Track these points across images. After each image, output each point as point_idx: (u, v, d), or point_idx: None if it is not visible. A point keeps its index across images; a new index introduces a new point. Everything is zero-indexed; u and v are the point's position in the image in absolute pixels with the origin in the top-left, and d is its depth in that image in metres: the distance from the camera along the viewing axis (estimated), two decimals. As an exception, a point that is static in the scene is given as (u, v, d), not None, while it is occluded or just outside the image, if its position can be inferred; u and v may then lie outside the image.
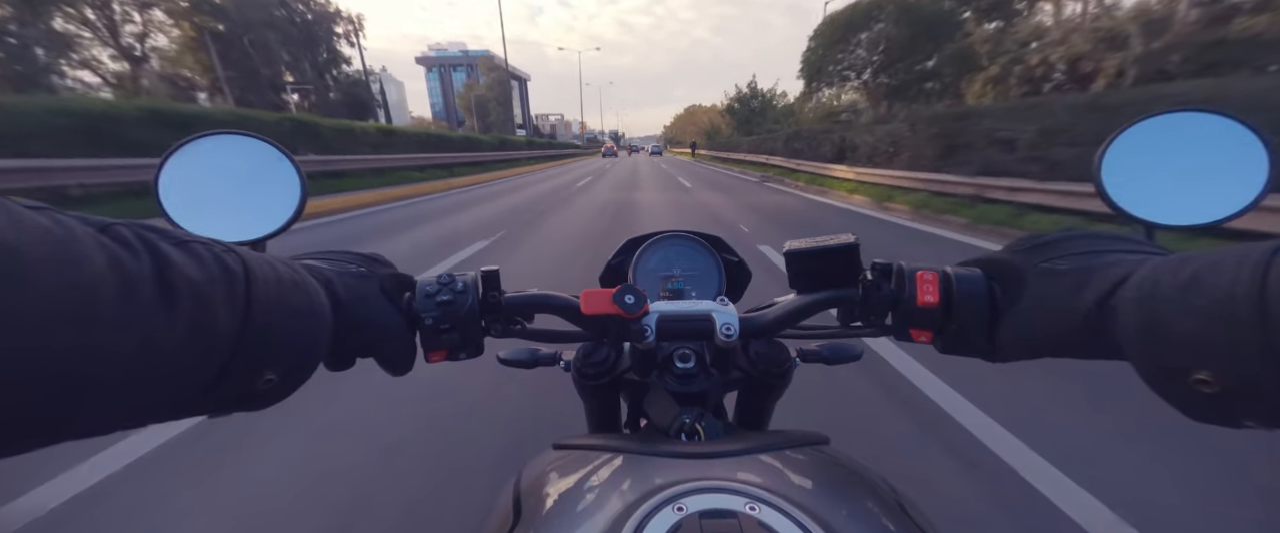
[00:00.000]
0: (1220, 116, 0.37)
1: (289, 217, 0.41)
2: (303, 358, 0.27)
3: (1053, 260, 0.32)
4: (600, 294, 0.39)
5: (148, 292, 0.19)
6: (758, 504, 0.27)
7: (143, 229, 0.21)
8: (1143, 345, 0.24)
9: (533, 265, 4.23)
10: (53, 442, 0.18)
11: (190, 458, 1.56)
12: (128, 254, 0.19)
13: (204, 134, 0.39)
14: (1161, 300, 0.23)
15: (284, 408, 0.28)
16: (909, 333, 0.39)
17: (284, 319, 0.25)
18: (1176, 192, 0.38)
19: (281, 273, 0.27)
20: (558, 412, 1.74)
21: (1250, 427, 0.23)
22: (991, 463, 1.50)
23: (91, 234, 0.18)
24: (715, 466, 0.33)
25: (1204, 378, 0.22)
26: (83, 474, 1.46)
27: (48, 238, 0.16)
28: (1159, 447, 1.52)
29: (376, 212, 7.52)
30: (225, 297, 0.22)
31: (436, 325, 0.38)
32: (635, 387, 0.54)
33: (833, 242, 0.42)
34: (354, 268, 0.35)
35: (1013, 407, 1.77)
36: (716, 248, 0.62)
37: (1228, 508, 1.33)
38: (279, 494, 1.42)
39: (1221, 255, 0.22)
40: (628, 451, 0.36)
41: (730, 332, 0.43)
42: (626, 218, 6.91)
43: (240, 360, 0.23)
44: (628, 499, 0.29)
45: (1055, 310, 0.30)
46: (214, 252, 0.23)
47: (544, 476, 0.36)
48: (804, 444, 0.37)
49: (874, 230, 5.90)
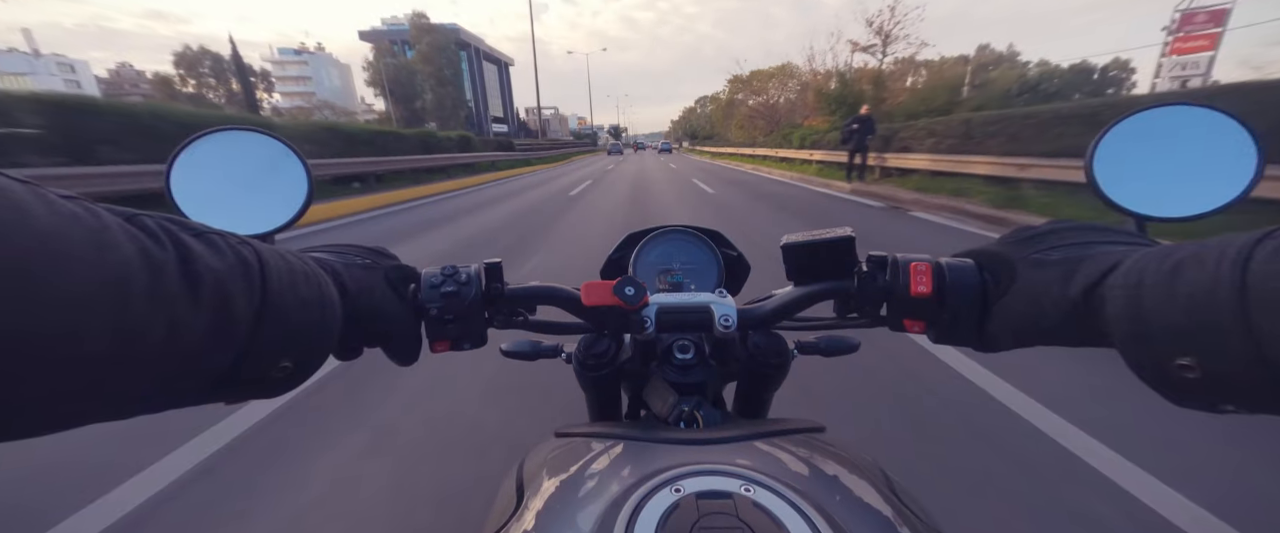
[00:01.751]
0: (1210, 110, 0.37)
1: (296, 211, 0.42)
2: (315, 347, 0.28)
3: (1043, 251, 0.33)
4: (601, 287, 0.40)
5: (173, 279, 0.19)
6: (752, 486, 0.28)
7: (164, 219, 0.21)
8: (1128, 333, 0.25)
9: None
10: (81, 422, 0.19)
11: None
12: (153, 243, 0.19)
13: (214, 129, 0.40)
14: (1147, 290, 0.24)
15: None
16: (903, 323, 0.39)
17: (297, 309, 0.26)
18: (1167, 184, 0.38)
19: (293, 265, 0.27)
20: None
21: (1230, 412, 0.23)
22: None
23: (119, 223, 0.19)
24: (712, 451, 0.34)
25: (1187, 364, 0.22)
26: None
27: (83, 225, 0.17)
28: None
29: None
30: (243, 287, 0.23)
31: (441, 316, 0.38)
32: (635, 378, 0.55)
33: (829, 234, 0.43)
34: (359, 260, 0.36)
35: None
36: (715, 242, 0.63)
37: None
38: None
39: (1205, 245, 0.23)
40: (627, 437, 0.37)
41: (729, 323, 0.43)
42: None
43: (257, 348, 0.24)
44: (626, 482, 0.30)
45: (1045, 300, 0.31)
46: (230, 242, 0.24)
47: (545, 462, 0.37)
48: (799, 432, 0.38)
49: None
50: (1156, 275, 0.24)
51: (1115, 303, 0.26)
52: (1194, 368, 0.22)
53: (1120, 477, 1.37)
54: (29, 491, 1.40)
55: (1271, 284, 0.19)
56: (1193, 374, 0.22)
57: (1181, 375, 0.23)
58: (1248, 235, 0.21)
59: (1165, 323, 0.23)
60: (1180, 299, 0.22)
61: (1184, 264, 0.23)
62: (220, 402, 0.25)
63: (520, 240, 5.15)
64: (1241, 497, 1.29)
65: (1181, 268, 0.23)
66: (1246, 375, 0.20)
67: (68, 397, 0.17)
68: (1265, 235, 0.21)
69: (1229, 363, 0.21)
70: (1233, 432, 1.52)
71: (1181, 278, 0.23)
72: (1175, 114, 0.38)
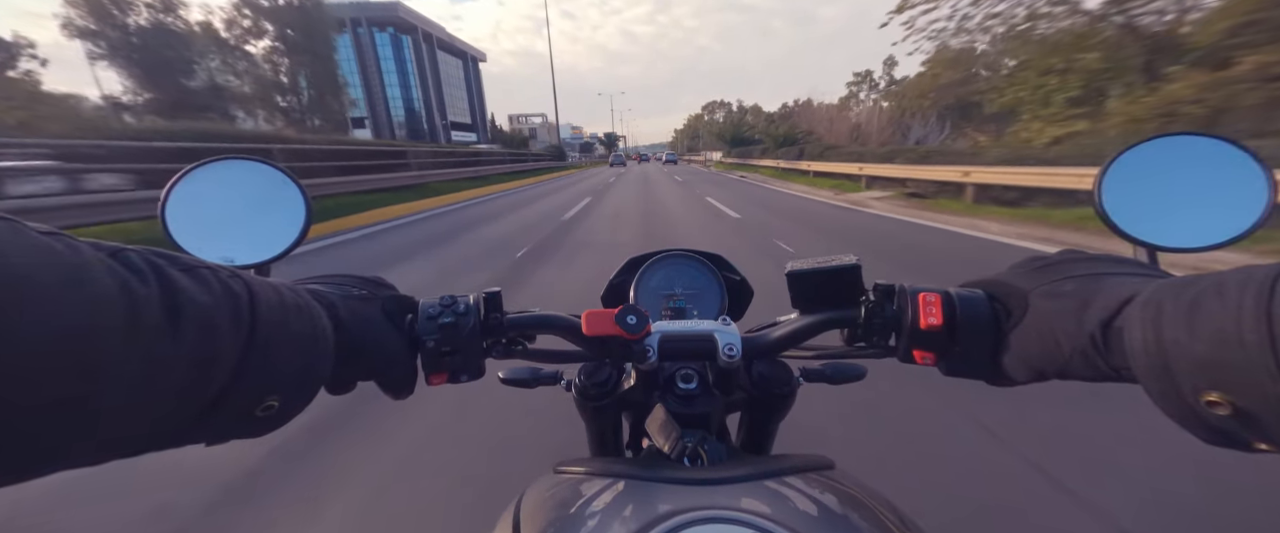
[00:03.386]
0: (1219, 140, 0.37)
1: (294, 239, 0.42)
2: (303, 384, 0.28)
3: (1055, 282, 0.32)
4: (602, 315, 0.39)
5: (154, 314, 0.19)
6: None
7: (153, 254, 0.21)
8: (1150, 368, 0.24)
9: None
10: (51, 470, 0.18)
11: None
12: (136, 278, 0.19)
13: (211, 159, 0.40)
14: (1167, 324, 0.23)
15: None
16: (912, 355, 0.39)
17: (286, 343, 0.26)
18: (1177, 214, 0.38)
19: (285, 298, 0.27)
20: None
21: (1264, 451, 0.22)
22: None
23: (102, 258, 0.19)
24: (719, 493, 0.32)
25: (1215, 399, 0.22)
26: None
27: (58, 261, 0.17)
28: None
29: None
30: (230, 320, 0.22)
31: (438, 348, 0.37)
32: (637, 407, 0.54)
33: (835, 262, 0.42)
34: (356, 291, 0.35)
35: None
36: (718, 266, 0.63)
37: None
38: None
39: (1223, 277, 0.22)
40: (629, 476, 0.36)
41: (733, 352, 0.42)
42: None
43: (241, 385, 0.23)
44: (630, 528, 0.28)
45: (1059, 333, 0.30)
46: (220, 277, 0.23)
47: (544, 500, 0.36)
48: (808, 470, 0.37)
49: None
50: (1176, 308, 0.23)
51: (1134, 338, 0.25)
52: (1223, 404, 0.21)
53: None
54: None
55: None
56: (1222, 411, 0.22)
57: (1211, 412, 0.22)
58: (1269, 266, 0.21)
59: (1188, 357, 0.22)
60: (1203, 333, 0.22)
61: (1204, 295, 0.22)
62: (199, 443, 0.24)
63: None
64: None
65: (1202, 300, 0.22)
66: (1277, 412, 0.20)
67: (28, 444, 0.16)
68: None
69: (1259, 400, 0.20)
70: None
71: (1202, 311, 0.22)
72: (1184, 144, 0.38)
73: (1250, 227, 0.35)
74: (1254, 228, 0.35)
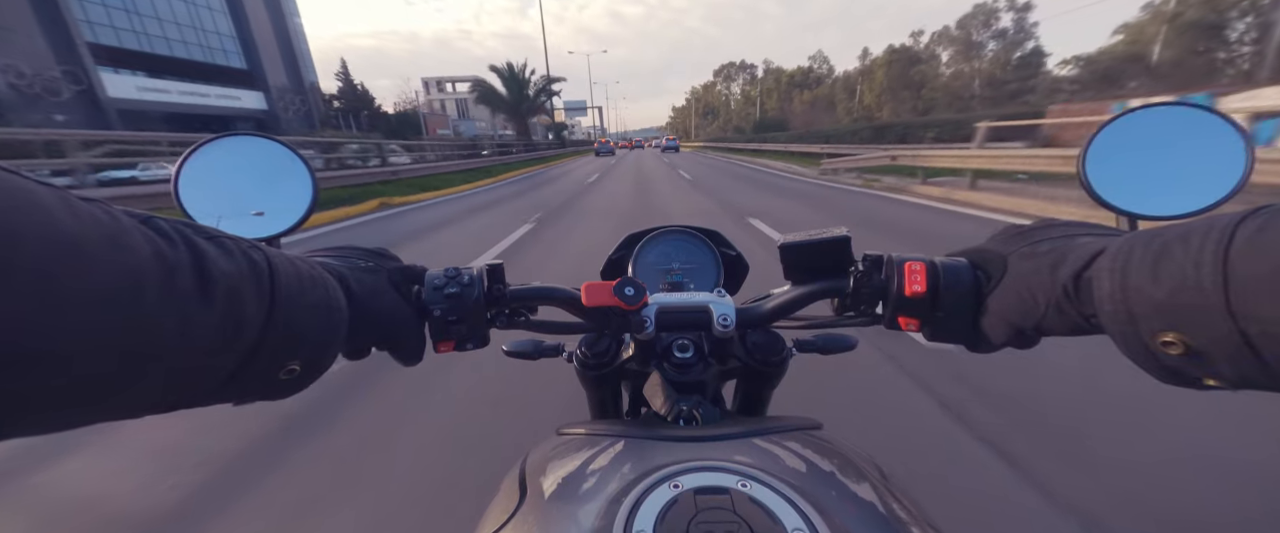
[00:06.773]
0: (1201, 110, 0.38)
1: (301, 215, 0.43)
2: (323, 350, 0.29)
3: (1033, 244, 0.33)
4: (601, 287, 0.40)
5: (187, 280, 0.20)
6: (749, 482, 0.29)
7: (178, 223, 0.22)
8: (1114, 314, 0.25)
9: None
10: (93, 420, 0.19)
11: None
12: (167, 244, 0.20)
13: (221, 135, 0.41)
14: (1133, 271, 0.24)
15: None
16: (897, 322, 0.40)
17: (305, 312, 0.27)
18: (1159, 183, 0.39)
19: (300, 269, 0.28)
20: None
21: (1213, 388, 0.24)
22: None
23: (135, 224, 0.19)
24: (710, 448, 0.34)
25: (1169, 340, 0.23)
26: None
27: (102, 227, 0.18)
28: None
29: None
30: (253, 290, 0.23)
31: (444, 317, 0.39)
32: (636, 376, 0.56)
33: (826, 234, 0.43)
34: (363, 263, 0.37)
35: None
36: (714, 242, 0.64)
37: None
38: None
39: (1191, 225, 0.23)
40: (628, 435, 0.38)
41: (727, 323, 0.44)
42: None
43: (266, 351, 0.24)
44: (626, 478, 0.30)
45: (1035, 289, 0.31)
46: (241, 246, 0.24)
47: (548, 458, 0.38)
48: (797, 429, 0.39)
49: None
50: (1144, 256, 0.24)
51: (1102, 286, 0.26)
52: (1176, 343, 0.23)
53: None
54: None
55: (1251, 262, 0.20)
56: (1175, 350, 0.23)
57: (1165, 352, 0.24)
58: (1233, 214, 0.22)
59: (1149, 300, 0.24)
60: (1164, 278, 0.23)
61: (1171, 244, 0.23)
62: (228, 402, 0.26)
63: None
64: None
65: (1168, 248, 0.23)
66: (1227, 351, 0.21)
67: (79, 394, 0.18)
68: (1249, 214, 0.21)
69: (1210, 339, 0.21)
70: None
71: (1167, 257, 0.23)
72: (1166, 114, 0.39)
73: (1229, 193, 0.36)
74: (1232, 194, 0.36)
